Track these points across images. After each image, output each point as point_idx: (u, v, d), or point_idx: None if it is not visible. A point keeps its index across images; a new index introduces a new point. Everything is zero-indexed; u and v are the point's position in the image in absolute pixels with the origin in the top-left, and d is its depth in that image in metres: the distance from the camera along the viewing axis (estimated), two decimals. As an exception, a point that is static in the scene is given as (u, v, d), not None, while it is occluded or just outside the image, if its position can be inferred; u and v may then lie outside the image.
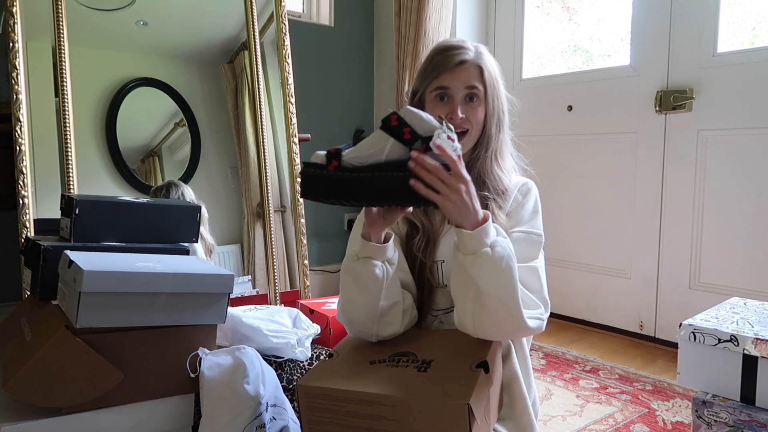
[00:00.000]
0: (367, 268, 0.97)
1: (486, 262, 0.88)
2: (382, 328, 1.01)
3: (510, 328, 0.95)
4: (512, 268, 0.89)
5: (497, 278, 0.88)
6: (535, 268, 1.02)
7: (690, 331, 1.25)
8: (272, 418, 1.16)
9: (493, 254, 0.88)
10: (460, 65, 1.05)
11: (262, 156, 2.10)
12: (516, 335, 1.02)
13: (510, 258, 0.89)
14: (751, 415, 1.15)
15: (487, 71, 1.07)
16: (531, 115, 2.67)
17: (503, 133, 1.11)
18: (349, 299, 1.01)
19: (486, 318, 0.91)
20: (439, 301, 1.10)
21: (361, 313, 1.00)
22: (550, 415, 1.66)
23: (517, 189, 1.11)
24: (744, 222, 2.06)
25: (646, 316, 2.34)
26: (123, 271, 1.05)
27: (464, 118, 1.05)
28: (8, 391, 0.97)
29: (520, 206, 1.08)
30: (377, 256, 0.97)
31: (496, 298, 0.89)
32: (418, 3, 2.58)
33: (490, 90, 1.07)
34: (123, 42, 1.96)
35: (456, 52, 1.06)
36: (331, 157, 0.90)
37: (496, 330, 0.95)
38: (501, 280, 0.88)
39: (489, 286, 0.88)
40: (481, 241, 0.88)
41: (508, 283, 0.89)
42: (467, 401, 0.80)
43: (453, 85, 1.05)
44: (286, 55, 2.23)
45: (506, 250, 0.89)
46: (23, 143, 1.66)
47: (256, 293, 2.04)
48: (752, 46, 2.07)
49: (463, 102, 1.06)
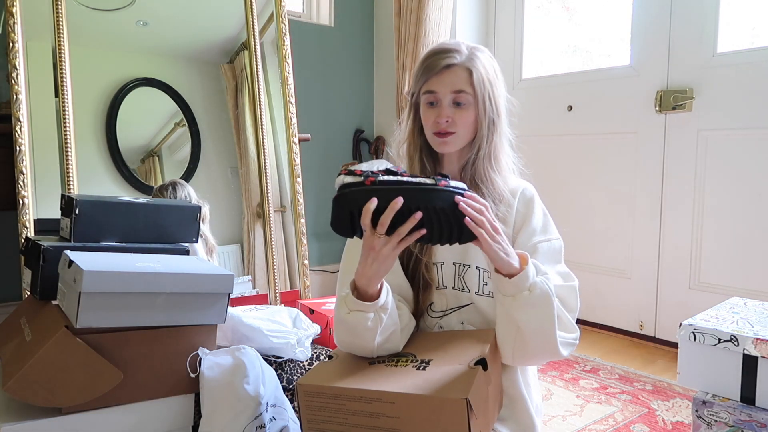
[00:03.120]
0: (358, 321, 0.94)
1: (525, 305, 0.92)
2: (383, 352, 1.01)
3: (546, 358, 1.01)
4: (549, 305, 0.93)
5: (536, 318, 0.93)
6: (573, 287, 1.04)
7: (690, 331, 1.25)
8: (272, 418, 1.16)
9: (531, 296, 0.91)
10: (447, 69, 1.04)
11: (262, 156, 2.10)
12: (548, 360, 1.10)
13: (548, 296, 0.92)
14: (751, 415, 1.15)
15: (477, 74, 1.04)
16: (531, 115, 2.67)
17: (497, 135, 1.08)
18: (344, 342, 1.00)
19: (525, 351, 0.97)
20: (438, 302, 1.10)
21: (361, 351, 1.00)
22: (550, 415, 1.66)
23: (517, 199, 1.09)
24: (744, 222, 2.06)
25: (646, 316, 2.34)
26: (123, 271, 1.05)
27: (449, 122, 1.04)
28: (8, 391, 0.97)
29: (528, 218, 1.07)
30: (368, 310, 0.95)
31: (534, 335, 0.94)
32: (418, 3, 2.58)
33: (479, 92, 1.04)
34: (123, 42, 1.96)
35: (444, 56, 1.04)
36: (367, 176, 0.86)
37: (533, 360, 1.01)
38: (539, 320, 0.93)
39: (528, 325, 0.93)
40: (519, 287, 0.91)
41: (546, 321, 0.93)
42: (466, 396, 0.80)
43: (440, 89, 1.04)
44: (286, 55, 2.23)
45: (544, 291, 0.92)
46: (23, 143, 1.66)
47: (256, 293, 2.04)
48: (752, 46, 2.07)
49: (450, 106, 1.05)
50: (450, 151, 1.08)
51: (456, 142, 1.06)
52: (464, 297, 1.08)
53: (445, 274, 1.08)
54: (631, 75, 2.36)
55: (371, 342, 0.97)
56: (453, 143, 1.06)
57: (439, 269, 1.09)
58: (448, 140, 1.05)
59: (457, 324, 1.08)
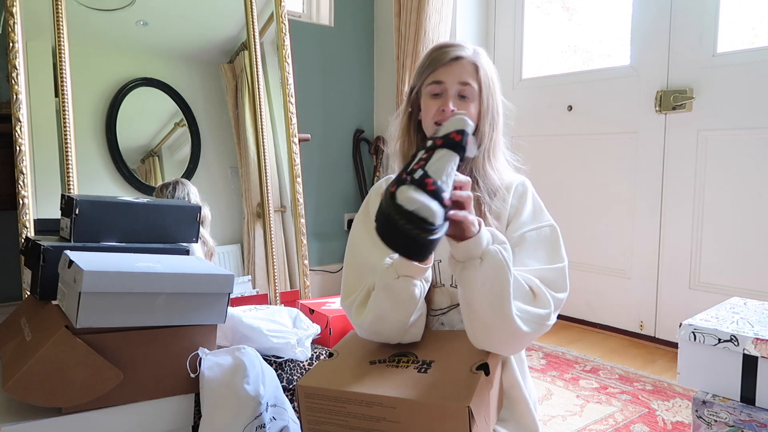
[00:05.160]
0: (406, 287, 0.93)
1: (475, 273, 0.86)
2: (407, 338, 1.01)
3: (507, 338, 0.91)
4: (502, 277, 0.86)
5: (487, 289, 0.86)
6: (560, 268, 0.99)
7: (690, 331, 1.25)
8: (272, 418, 1.16)
9: (483, 264, 0.86)
10: (455, 60, 1.06)
11: (262, 156, 2.10)
12: (513, 346, 0.96)
13: (502, 266, 0.86)
14: (751, 415, 1.15)
15: (483, 69, 1.07)
16: (531, 115, 2.67)
17: (497, 133, 1.11)
18: (382, 317, 0.97)
19: (479, 327, 0.90)
20: (438, 300, 1.10)
21: (392, 328, 0.98)
22: (550, 415, 1.66)
23: (511, 193, 1.09)
24: (744, 222, 2.06)
25: (646, 316, 2.34)
26: (123, 271, 1.05)
27: (455, 112, 1.05)
28: (8, 391, 0.97)
29: (519, 210, 1.07)
30: (418, 275, 0.94)
31: (484, 307, 0.87)
32: (418, 3, 2.58)
33: (485, 88, 1.07)
34: (123, 42, 1.96)
35: (453, 48, 1.07)
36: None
37: (494, 339, 0.92)
38: (490, 290, 0.86)
39: (477, 295, 0.87)
40: (469, 253, 0.86)
41: (498, 292, 0.86)
42: (468, 404, 0.80)
43: (447, 79, 1.06)
44: (286, 55, 2.23)
45: (497, 260, 0.86)
46: (23, 143, 1.66)
47: (256, 293, 2.04)
48: (752, 46, 2.07)
49: (455, 97, 1.06)
50: None
51: None
52: None
53: (442, 271, 1.09)
54: (631, 75, 2.36)
55: (409, 316, 0.96)
56: None
57: (437, 266, 1.09)
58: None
59: (459, 322, 1.08)
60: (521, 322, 0.88)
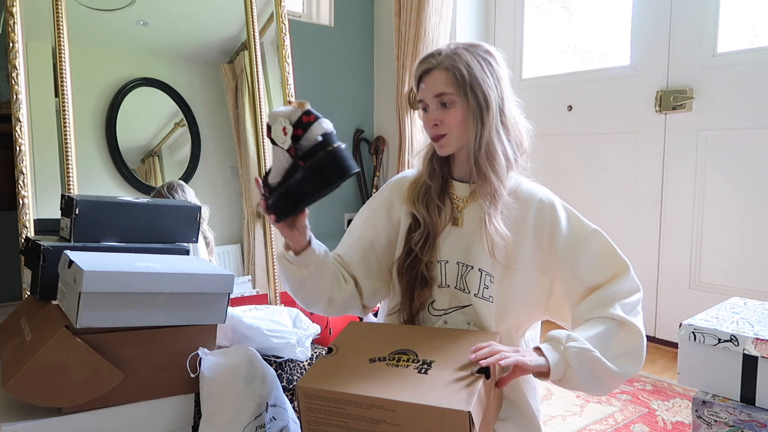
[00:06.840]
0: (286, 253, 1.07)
1: (575, 378, 0.95)
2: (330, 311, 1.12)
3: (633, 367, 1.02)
4: (594, 360, 0.95)
5: (592, 376, 0.96)
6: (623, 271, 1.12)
7: (690, 331, 1.25)
8: (272, 418, 1.16)
9: (578, 368, 0.94)
10: (426, 75, 1.06)
11: (262, 156, 2.10)
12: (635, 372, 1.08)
13: (587, 354, 0.95)
14: (751, 415, 1.15)
15: (457, 72, 1.03)
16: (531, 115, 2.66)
17: (486, 129, 1.05)
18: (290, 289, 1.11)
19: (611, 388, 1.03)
20: (441, 300, 1.10)
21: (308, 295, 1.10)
22: (550, 415, 1.66)
23: (534, 211, 1.10)
24: (744, 222, 2.06)
25: (646, 316, 2.33)
26: (123, 271, 1.05)
27: (438, 125, 1.06)
28: (8, 391, 0.97)
29: (557, 229, 1.10)
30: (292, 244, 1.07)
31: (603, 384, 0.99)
32: (418, 3, 2.58)
33: (462, 89, 1.03)
34: (123, 42, 1.96)
35: (423, 64, 1.07)
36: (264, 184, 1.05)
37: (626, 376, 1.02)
38: (593, 380, 0.97)
39: (593, 384, 0.98)
40: (558, 372, 0.94)
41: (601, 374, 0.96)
42: (468, 409, 0.80)
43: (425, 96, 1.07)
44: (286, 55, 2.23)
45: (581, 354, 0.95)
46: (23, 143, 1.65)
47: (256, 293, 2.04)
48: (752, 46, 2.07)
49: (437, 109, 1.06)
50: (448, 152, 1.09)
51: (451, 142, 1.07)
52: (464, 298, 1.08)
53: (448, 272, 1.09)
54: (631, 75, 2.36)
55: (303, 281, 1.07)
56: (448, 144, 1.07)
57: (443, 267, 1.09)
58: (442, 143, 1.07)
59: (463, 323, 1.08)
60: (628, 365, 0.99)
